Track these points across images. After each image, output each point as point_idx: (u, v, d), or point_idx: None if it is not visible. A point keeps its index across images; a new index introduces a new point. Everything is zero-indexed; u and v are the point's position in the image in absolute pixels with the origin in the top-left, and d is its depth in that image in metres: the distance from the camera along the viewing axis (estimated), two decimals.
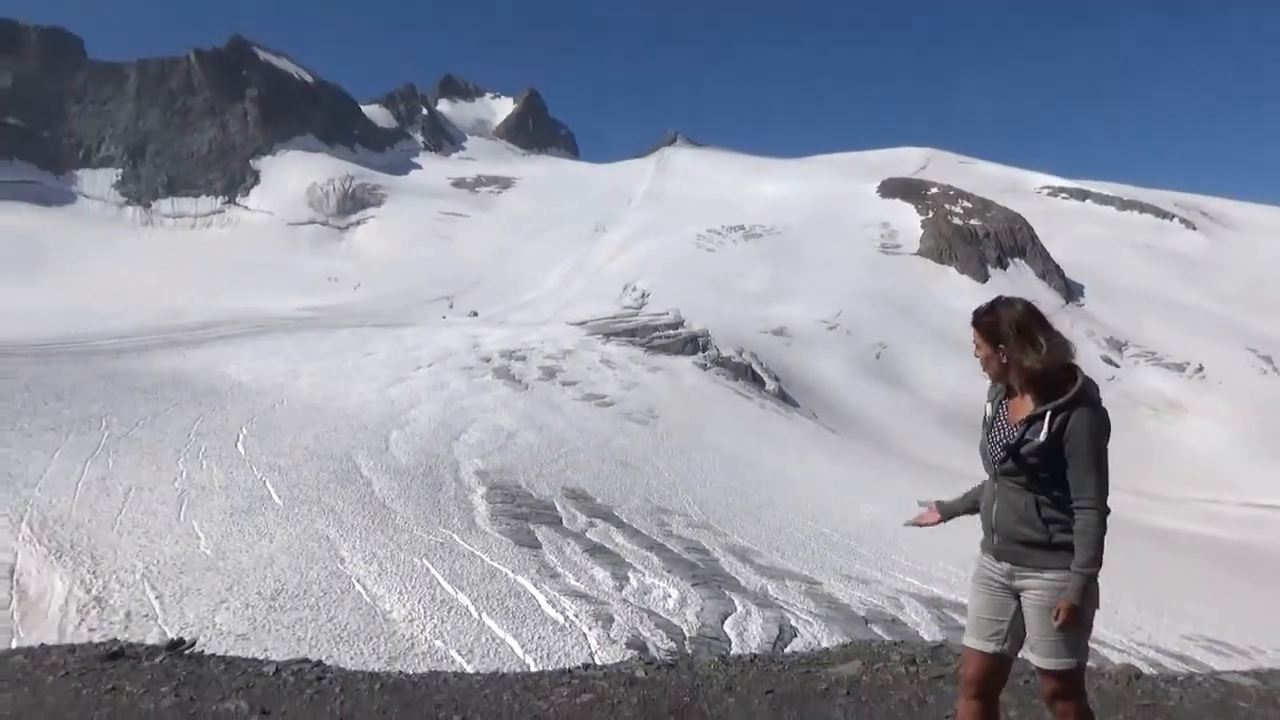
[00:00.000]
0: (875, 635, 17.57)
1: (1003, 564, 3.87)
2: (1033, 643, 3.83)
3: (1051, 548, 3.72)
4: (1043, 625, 3.75)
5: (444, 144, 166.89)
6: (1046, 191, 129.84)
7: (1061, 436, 3.64)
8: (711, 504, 29.17)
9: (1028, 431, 3.73)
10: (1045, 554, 3.73)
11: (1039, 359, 3.71)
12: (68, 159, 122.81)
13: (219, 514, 22.54)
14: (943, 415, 54.06)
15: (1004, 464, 3.79)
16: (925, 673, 6.39)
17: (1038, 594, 3.76)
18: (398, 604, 17.84)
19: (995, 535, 3.88)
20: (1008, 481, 3.82)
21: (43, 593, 18.54)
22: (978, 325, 3.90)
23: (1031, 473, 3.72)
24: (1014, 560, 3.83)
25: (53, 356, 40.07)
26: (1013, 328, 3.77)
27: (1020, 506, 3.78)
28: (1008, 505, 3.83)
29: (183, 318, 58.31)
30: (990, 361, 3.85)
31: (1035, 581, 3.77)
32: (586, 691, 5.91)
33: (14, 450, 26.38)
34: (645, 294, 68.12)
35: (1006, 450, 3.77)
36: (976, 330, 3.90)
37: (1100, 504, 3.64)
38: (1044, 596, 3.74)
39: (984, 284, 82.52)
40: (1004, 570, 3.87)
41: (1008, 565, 3.85)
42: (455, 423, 34.40)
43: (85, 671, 5.98)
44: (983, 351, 3.88)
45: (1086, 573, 3.62)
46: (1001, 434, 3.85)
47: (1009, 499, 3.82)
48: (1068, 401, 3.67)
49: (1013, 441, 3.76)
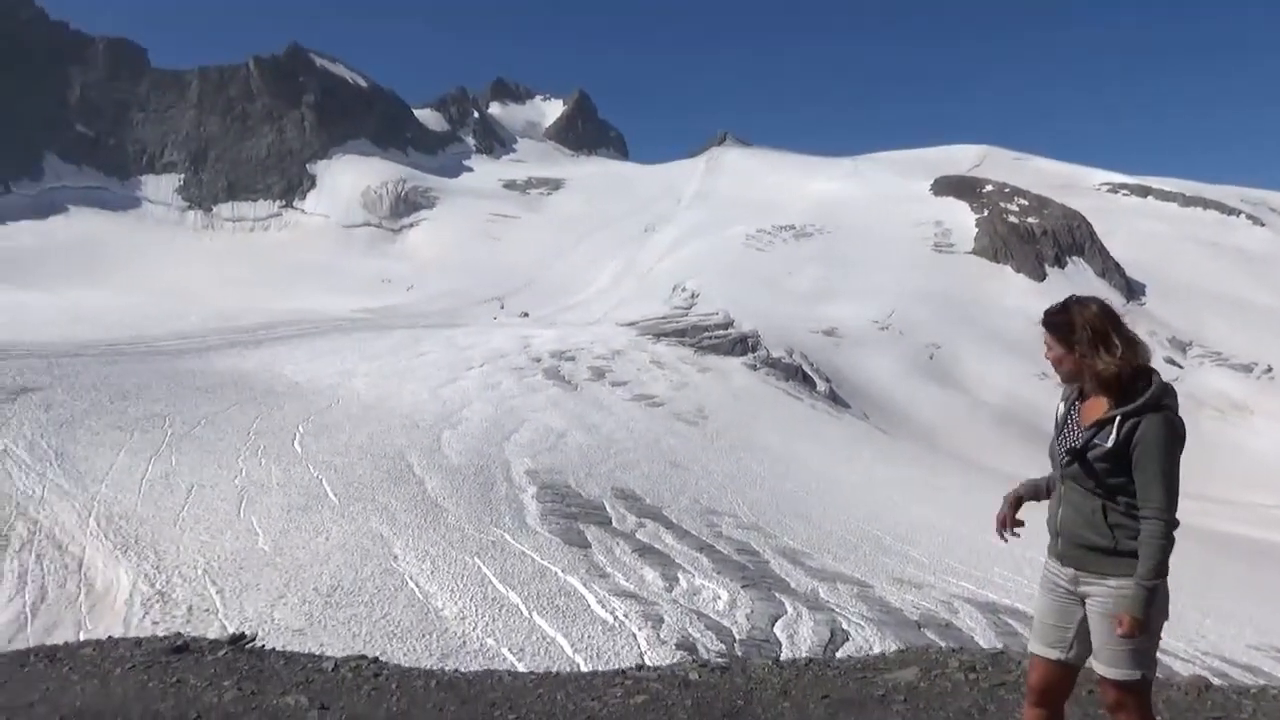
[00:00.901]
0: (929, 640, 17.29)
1: (1067, 569, 3.78)
2: (1096, 650, 3.72)
3: (1116, 554, 3.61)
4: (1106, 633, 3.64)
5: (495, 146, 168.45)
6: (1106, 188, 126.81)
7: (1130, 442, 3.54)
8: (761, 505, 29.00)
9: (1095, 436, 3.62)
10: (1110, 560, 3.63)
11: (1113, 361, 3.60)
12: (132, 165, 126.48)
13: (277, 511, 23.02)
14: (997, 416, 53.10)
15: (1068, 467, 3.70)
16: (985, 680, 6.25)
17: (1101, 601, 3.66)
18: (450, 602, 18.03)
19: (1059, 539, 3.79)
20: (1074, 485, 3.72)
21: (109, 586, 19.11)
22: (1049, 325, 3.79)
23: (1098, 478, 3.61)
24: (1078, 565, 3.73)
25: (118, 356, 41.29)
26: (1086, 329, 3.65)
27: (1086, 511, 3.68)
28: (1073, 509, 3.73)
29: (241, 319, 59.67)
30: (1063, 363, 3.73)
31: (1099, 588, 3.66)
32: (640, 693, 5.89)
33: (82, 448, 27.25)
34: (695, 294, 67.98)
35: (1071, 454, 3.67)
36: (1048, 330, 3.79)
37: (1167, 514, 3.50)
38: (1107, 604, 3.63)
39: (1041, 283, 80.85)
40: (1069, 575, 3.77)
41: (1072, 570, 3.75)
42: (506, 423, 34.69)
43: (151, 664, 6.13)
44: (1054, 353, 3.76)
45: (1149, 584, 3.49)
46: (1070, 437, 3.75)
47: (1075, 503, 3.73)
48: (1139, 407, 3.55)
49: (1079, 445, 3.66)
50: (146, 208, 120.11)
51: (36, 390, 32.00)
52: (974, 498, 33.95)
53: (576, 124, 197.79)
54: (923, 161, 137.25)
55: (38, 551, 20.73)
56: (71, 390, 32.63)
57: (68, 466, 25.61)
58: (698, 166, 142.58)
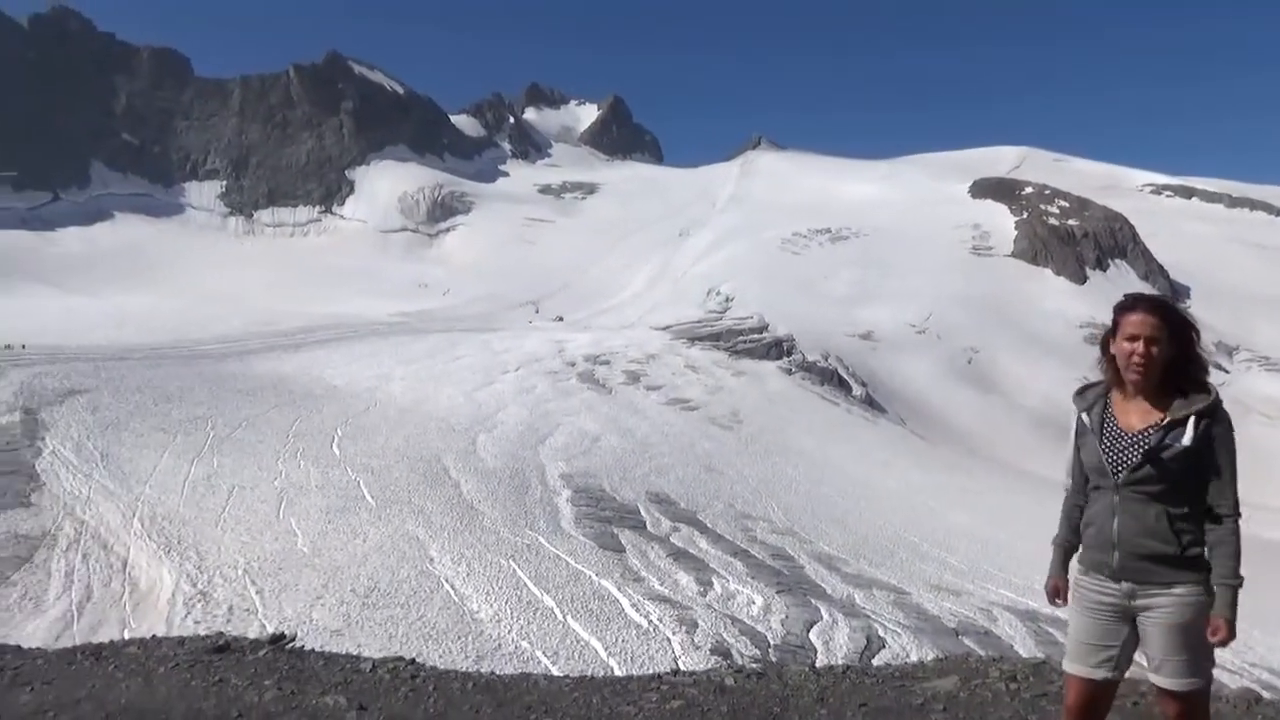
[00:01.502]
0: (968, 648, 17.07)
1: (1122, 583, 3.63)
2: (1158, 664, 3.59)
3: (1183, 561, 3.51)
4: (1171, 645, 3.53)
5: (530, 151, 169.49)
6: (1149, 189, 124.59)
7: (1205, 442, 3.47)
8: (796, 510, 28.84)
9: (1168, 436, 3.52)
10: (1176, 568, 3.52)
11: (1204, 362, 3.58)
12: (176, 172, 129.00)
13: (315, 513, 23.32)
14: (1036, 421, 52.30)
15: (1137, 471, 3.56)
16: (1026, 690, 6.15)
17: (1167, 611, 3.54)
18: (485, 604, 18.13)
19: (1116, 552, 3.63)
20: (1133, 492, 3.58)
21: (153, 586, 19.46)
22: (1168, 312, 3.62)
23: (1168, 480, 3.51)
24: (1138, 578, 3.59)
25: (162, 360, 42.08)
26: (1193, 329, 3.60)
27: (1149, 518, 3.55)
28: (1132, 518, 3.58)
29: (281, 323, 60.53)
30: (1149, 358, 3.58)
31: (1164, 598, 3.55)
32: (676, 698, 5.88)
33: (127, 449, 27.81)
34: (729, 298, 67.80)
35: (1145, 456, 3.55)
36: (1161, 317, 3.59)
37: (1238, 513, 3.47)
38: (1174, 613, 3.52)
39: (1082, 286, 79.60)
40: (1123, 590, 3.63)
41: (1129, 584, 3.61)
42: (541, 426, 34.84)
43: (194, 663, 6.23)
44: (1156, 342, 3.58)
45: (1235, 584, 3.44)
46: (1125, 440, 3.63)
47: (1134, 511, 3.58)
48: (1210, 407, 3.50)
49: (1152, 446, 3.54)
50: (190, 214, 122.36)
51: (84, 393, 32.72)
52: (1013, 504, 33.48)
53: (611, 128, 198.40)
54: (960, 164, 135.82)
55: (84, 551, 21.17)
56: (117, 393, 33.32)
57: (113, 468, 26.16)
58: (732, 170, 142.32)
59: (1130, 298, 3.70)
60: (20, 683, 5.80)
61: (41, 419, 29.63)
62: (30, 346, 42.43)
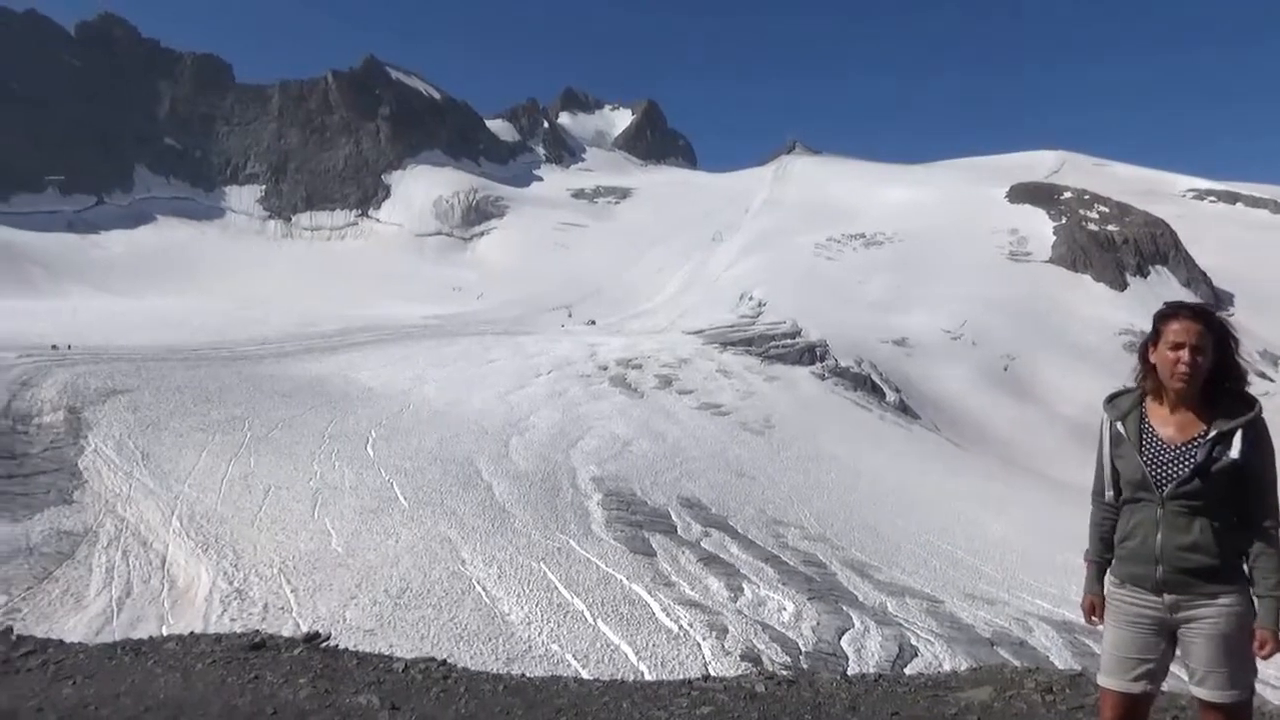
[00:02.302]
0: (1002, 659, 16.84)
1: (1165, 596, 3.57)
2: (1201, 676, 3.54)
3: (1225, 573, 3.46)
4: (1214, 657, 3.47)
5: (564, 156, 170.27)
6: (1191, 194, 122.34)
7: (1252, 453, 3.42)
8: (828, 516, 28.64)
9: (1215, 450, 3.46)
10: (1219, 580, 3.47)
11: (1243, 371, 3.52)
12: (217, 176, 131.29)
13: (349, 513, 23.56)
14: (1074, 429, 51.50)
15: (1184, 485, 3.51)
16: (1063, 702, 6.05)
17: (1211, 623, 3.48)
18: (516, 606, 18.20)
19: (1160, 566, 3.58)
20: (1176, 505, 3.53)
21: (190, 583, 19.78)
22: (1210, 319, 3.57)
23: (1215, 494, 3.46)
24: (1181, 590, 3.53)
25: (202, 361, 42.77)
26: (1236, 337, 3.54)
27: (1194, 531, 3.49)
28: (1175, 531, 3.52)
29: (318, 325, 61.31)
30: (1195, 366, 3.53)
31: (1208, 610, 3.49)
32: (706, 704, 5.86)
33: (167, 449, 28.31)
34: (762, 303, 67.55)
35: (1195, 470, 3.49)
36: (1204, 323, 3.55)
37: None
38: (1219, 624, 3.46)
39: (1122, 293, 78.32)
40: (1165, 603, 3.57)
41: (1172, 597, 3.56)
42: (572, 430, 34.93)
43: (230, 660, 6.32)
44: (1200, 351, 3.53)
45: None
46: (1169, 453, 3.57)
47: (1177, 524, 3.52)
48: (1255, 418, 3.44)
49: (1200, 461, 3.48)
50: (230, 217, 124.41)
51: (125, 392, 33.35)
52: (1050, 513, 32.99)
53: (645, 133, 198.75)
54: (998, 168, 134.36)
55: (124, 548, 21.58)
56: (158, 393, 33.93)
57: (153, 466, 26.63)
58: (766, 175, 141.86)
59: (1173, 305, 3.63)
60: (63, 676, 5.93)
61: (85, 418, 30.26)
62: (75, 347, 43.35)
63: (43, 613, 18.51)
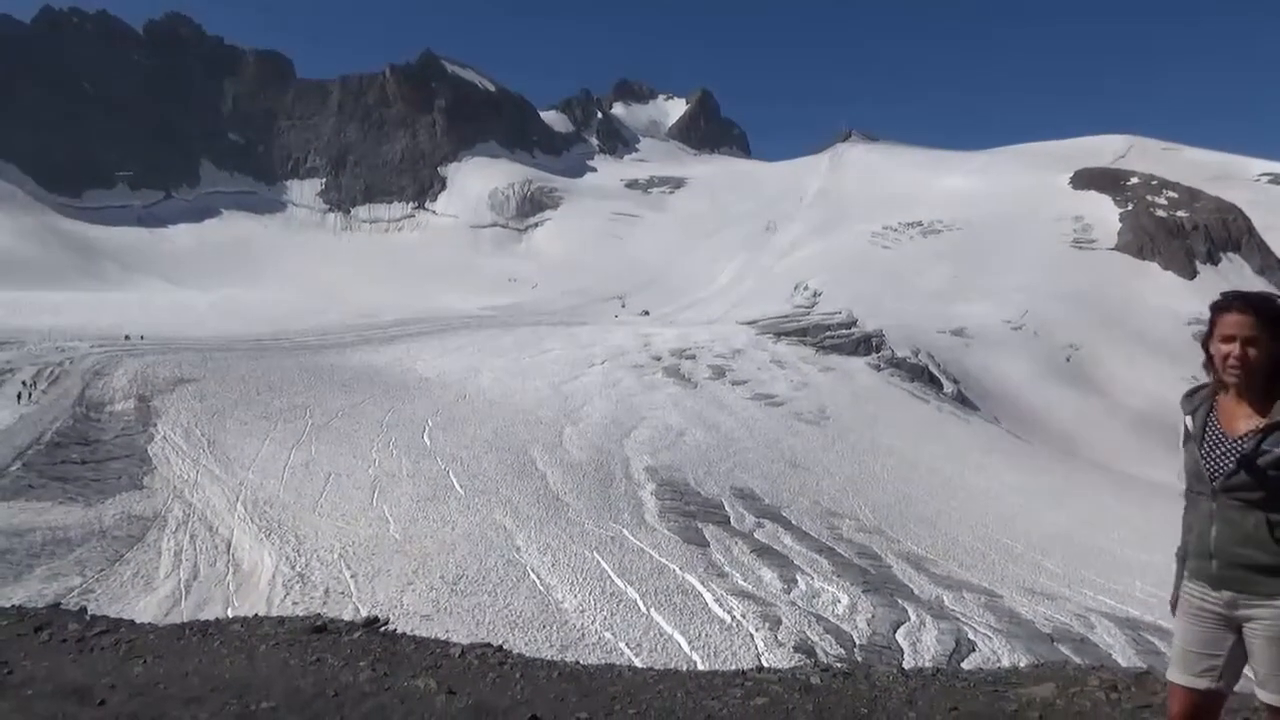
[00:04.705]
0: (1063, 655, 16.49)
1: (1222, 592, 3.47)
2: (1262, 678, 3.42)
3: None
4: (1274, 660, 3.37)
5: (618, 146, 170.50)
6: (1266, 179, 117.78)
7: None
8: (884, 508, 28.32)
9: (1265, 442, 3.34)
10: (1276, 579, 3.36)
11: None
12: (279, 170, 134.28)
13: (407, 500, 23.97)
14: (1139, 421, 50.15)
15: (1232, 478, 3.41)
16: (1128, 701, 5.89)
17: (1268, 624, 3.37)
18: (569, 594, 18.34)
19: (1214, 560, 3.48)
20: (1230, 500, 3.42)
21: (254, 567, 20.30)
22: (1264, 309, 3.44)
23: (1267, 488, 3.33)
24: (1238, 587, 3.43)
25: (264, 351, 43.81)
26: None
27: (1248, 527, 3.38)
28: (1230, 526, 3.42)
29: (376, 316, 62.34)
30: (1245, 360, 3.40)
31: (1265, 610, 3.37)
32: (760, 695, 5.83)
33: (232, 436, 29.08)
34: (817, 293, 66.91)
35: (1239, 462, 3.38)
36: (1258, 314, 3.42)
37: None
38: (1275, 626, 3.36)
39: (1191, 281, 75.86)
40: (1224, 599, 3.47)
41: (1229, 593, 3.45)
42: (626, 420, 35.04)
43: (293, 642, 6.47)
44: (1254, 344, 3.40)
45: None
46: (1224, 446, 3.46)
47: (1231, 519, 3.42)
48: None
49: (1247, 452, 3.37)
50: (291, 211, 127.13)
51: (192, 381, 34.33)
52: (1113, 507, 32.20)
53: (699, 122, 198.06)
54: (1061, 154, 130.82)
55: (191, 532, 22.24)
56: (223, 382, 34.86)
57: (219, 453, 27.39)
58: (821, 163, 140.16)
59: (1227, 296, 3.50)
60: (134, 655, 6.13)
61: (154, 406, 31.23)
62: (145, 337, 44.73)
63: (115, 594, 19.17)
